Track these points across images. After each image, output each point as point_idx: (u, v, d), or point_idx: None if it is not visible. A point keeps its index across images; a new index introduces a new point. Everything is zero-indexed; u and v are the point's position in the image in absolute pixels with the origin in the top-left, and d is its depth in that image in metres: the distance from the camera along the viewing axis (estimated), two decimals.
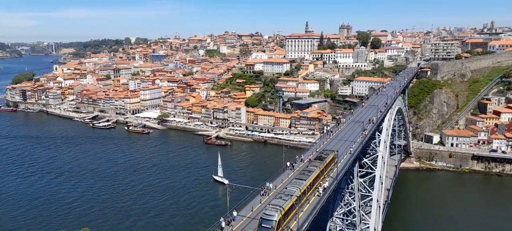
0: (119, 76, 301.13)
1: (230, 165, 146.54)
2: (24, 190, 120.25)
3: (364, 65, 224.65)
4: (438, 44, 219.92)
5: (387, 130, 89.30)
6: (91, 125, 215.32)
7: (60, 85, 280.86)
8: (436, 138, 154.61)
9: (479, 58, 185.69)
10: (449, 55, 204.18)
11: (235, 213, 39.55)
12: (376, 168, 76.37)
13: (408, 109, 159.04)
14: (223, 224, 37.86)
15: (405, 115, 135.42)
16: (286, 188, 41.30)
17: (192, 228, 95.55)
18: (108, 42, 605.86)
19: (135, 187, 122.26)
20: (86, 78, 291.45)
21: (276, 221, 33.23)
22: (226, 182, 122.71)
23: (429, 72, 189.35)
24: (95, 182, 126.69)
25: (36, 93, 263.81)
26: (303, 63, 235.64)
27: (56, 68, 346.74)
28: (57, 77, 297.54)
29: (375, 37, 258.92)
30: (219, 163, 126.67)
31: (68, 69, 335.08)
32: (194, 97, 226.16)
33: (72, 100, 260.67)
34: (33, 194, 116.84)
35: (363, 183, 75.27)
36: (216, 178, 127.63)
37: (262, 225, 33.63)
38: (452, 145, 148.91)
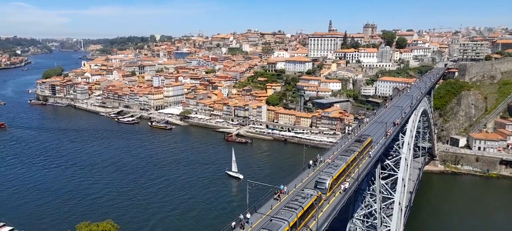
0: (143, 72, 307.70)
1: (250, 163, 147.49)
2: (50, 181, 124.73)
3: (389, 65, 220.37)
4: (467, 44, 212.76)
5: (411, 131, 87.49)
6: (116, 119, 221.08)
7: (87, 80, 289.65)
8: (462, 141, 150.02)
9: (510, 60, 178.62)
10: (478, 56, 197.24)
11: (248, 215, 38.03)
12: (398, 170, 75.02)
13: (434, 111, 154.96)
14: (242, 217, 37.37)
15: (430, 117, 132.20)
16: (334, 161, 51.51)
17: (208, 223, 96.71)
18: (134, 40, 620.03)
19: (155, 181, 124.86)
20: (112, 74, 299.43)
21: (329, 183, 43.82)
22: (241, 177, 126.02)
23: (456, 73, 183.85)
24: (117, 176, 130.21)
25: (64, 88, 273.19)
26: (326, 62, 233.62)
27: (84, 64, 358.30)
28: (85, 72, 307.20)
29: (400, 37, 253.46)
30: (233, 158, 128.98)
31: (95, 65, 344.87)
32: (216, 94, 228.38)
33: (99, 95, 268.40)
34: (58, 185, 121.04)
35: (385, 185, 74.08)
36: (230, 173, 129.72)
37: (318, 186, 43.67)
38: (479, 148, 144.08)
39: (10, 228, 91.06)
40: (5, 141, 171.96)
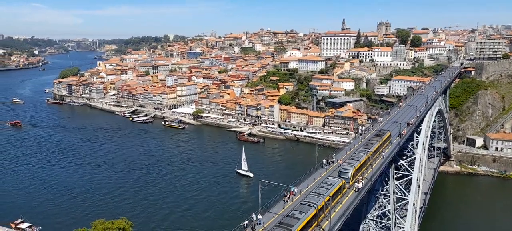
0: (157, 72, 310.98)
1: (262, 162, 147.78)
2: (66, 179, 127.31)
3: (403, 64, 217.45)
4: (484, 42, 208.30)
5: (426, 131, 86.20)
6: (131, 119, 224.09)
7: (102, 80, 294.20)
8: (479, 141, 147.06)
9: None
10: (496, 55, 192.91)
11: (260, 216, 37.32)
12: (413, 170, 74.03)
13: (449, 111, 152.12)
14: (254, 216, 36.92)
15: (446, 116, 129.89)
16: (355, 153, 54.29)
17: (220, 224, 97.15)
18: (148, 40, 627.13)
19: (168, 180, 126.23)
20: (126, 74, 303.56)
21: (351, 173, 46.59)
22: (251, 175, 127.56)
23: (473, 72, 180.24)
24: (131, 174, 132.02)
25: (80, 88, 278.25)
26: (339, 61, 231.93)
27: (99, 64, 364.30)
28: (100, 72, 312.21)
29: (415, 35, 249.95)
30: (243, 157, 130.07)
31: (110, 65, 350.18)
32: (228, 94, 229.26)
33: (114, 95, 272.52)
34: (74, 183, 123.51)
35: (399, 185, 73.17)
36: (240, 171, 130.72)
37: (341, 176, 46.20)
38: (496, 149, 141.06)
39: (28, 224, 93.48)
40: (21, 139, 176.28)
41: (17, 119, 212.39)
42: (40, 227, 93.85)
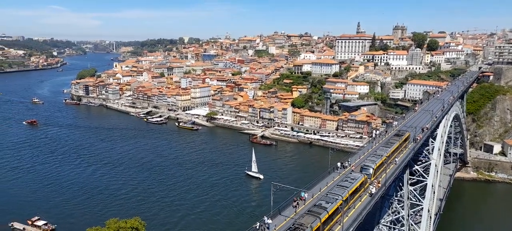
0: (172, 74, 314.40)
1: (274, 165, 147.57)
2: (81, 178, 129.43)
3: (419, 68, 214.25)
4: (503, 46, 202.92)
5: (442, 136, 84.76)
6: (145, 120, 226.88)
7: (118, 81, 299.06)
8: (497, 148, 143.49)
9: None
10: None
11: (269, 221, 37.02)
12: (428, 176, 72.82)
13: (467, 116, 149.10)
14: (266, 218, 36.82)
15: (462, 122, 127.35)
16: (376, 151, 56.49)
17: (234, 228, 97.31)
18: (163, 42, 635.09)
19: (181, 181, 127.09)
20: (142, 75, 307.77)
21: (373, 169, 49.08)
22: (261, 177, 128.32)
23: (491, 77, 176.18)
24: (144, 174, 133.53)
25: (97, 89, 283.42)
26: (353, 64, 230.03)
27: (115, 66, 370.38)
28: (116, 74, 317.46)
29: (432, 39, 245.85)
30: (254, 158, 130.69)
31: (126, 66, 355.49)
32: (241, 96, 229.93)
33: (129, 96, 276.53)
34: (89, 182, 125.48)
35: (413, 191, 72.05)
36: (250, 173, 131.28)
37: (363, 171, 48.46)
38: None
39: (44, 222, 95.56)
40: (38, 138, 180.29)
41: (36, 118, 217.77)
42: (56, 225, 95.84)
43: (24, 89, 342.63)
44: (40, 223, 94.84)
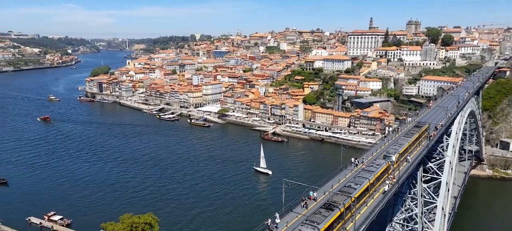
0: (184, 71, 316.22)
1: (285, 161, 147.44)
2: (95, 174, 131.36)
3: (433, 64, 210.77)
4: None
5: (456, 133, 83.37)
6: (158, 116, 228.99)
7: (131, 78, 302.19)
8: None
9: None
10: None
11: (278, 220, 36.81)
12: (442, 173, 71.78)
13: (482, 113, 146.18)
14: (277, 215, 36.80)
15: (478, 118, 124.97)
16: (397, 141, 60.16)
17: (241, 220, 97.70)
18: (175, 39, 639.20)
19: (192, 177, 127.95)
20: (154, 72, 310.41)
21: (396, 156, 51.85)
22: (269, 172, 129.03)
23: (508, 73, 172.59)
24: (157, 171, 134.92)
25: (110, 86, 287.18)
26: (366, 60, 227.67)
27: (128, 63, 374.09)
28: (129, 71, 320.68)
29: (446, 34, 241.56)
30: (262, 154, 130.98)
31: (139, 64, 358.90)
32: (253, 93, 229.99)
33: (142, 93, 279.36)
34: (102, 178, 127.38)
35: (427, 188, 71.17)
36: (258, 169, 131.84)
37: (386, 159, 50.91)
38: None
39: (60, 217, 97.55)
40: (51, 134, 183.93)
41: (51, 115, 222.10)
42: (71, 220, 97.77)
43: (40, 86, 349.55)
44: (56, 218, 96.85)
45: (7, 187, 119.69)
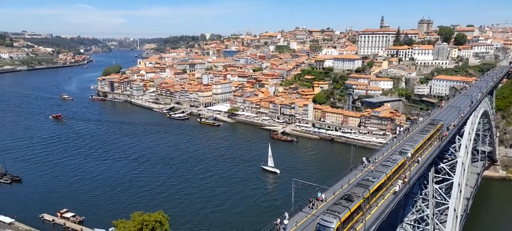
0: (194, 70, 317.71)
1: (294, 161, 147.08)
2: (107, 172, 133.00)
3: (445, 63, 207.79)
4: None
5: (469, 133, 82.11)
6: (168, 115, 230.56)
7: (142, 78, 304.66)
8: None
9: None
10: None
11: (286, 222, 36.82)
12: (454, 174, 70.82)
13: (496, 113, 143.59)
14: (286, 221, 36.96)
15: (491, 118, 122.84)
16: (412, 137, 62.04)
17: (251, 220, 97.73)
18: (186, 39, 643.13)
19: (202, 176, 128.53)
20: (165, 72, 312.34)
21: (411, 152, 53.50)
22: (277, 171, 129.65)
23: None
24: (167, 169, 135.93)
25: (122, 85, 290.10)
26: (376, 60, 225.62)
27: (139, 62, 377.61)
28: (140, 70, 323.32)
29: (459, 33, 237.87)
30: (270, 153, 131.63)
31: (150, 63, 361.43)
32: (262, 92, 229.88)
33: (152, 92, 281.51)
34: (114, 176, 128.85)
35: (438, 189, 70.33)
36: (266, 168, 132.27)
37: (402, 155, 52.26)
38: None
39: (72, 214, 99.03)
40: (64, 132, 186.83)
41: (64, 113, 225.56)
42: (84, 217, 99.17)
43: (53, 85, 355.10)
44: (69, 215, 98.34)
45: (21, 184, 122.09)
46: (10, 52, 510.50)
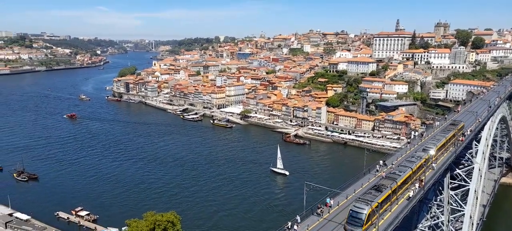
0: (208, 72, 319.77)
1: (307, 164, 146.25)
2: (120, 172, 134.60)
3: (462, 67, 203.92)
4: None
5: (486, 139, 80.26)
6: (182, 117, 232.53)
7: (157, 79, 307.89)
8: None
9: None
10: None
11: (296, 227, 36.81)
12: (471, 180, 69.28)
13: None
14: (298, 218, 37.10)
15: (510, 124, 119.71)
16: (435, 137, 65.06)
17: (265, 226, 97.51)
18: (200, 41, 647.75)
19: (214, 178, 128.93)
20: (179, 73, 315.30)
21: (434, 150, 56.08)
22: (287, 173, 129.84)
23: None
24: (180, 170, 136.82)
25: (137, 86, 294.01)
26: (391, 63, 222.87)
27: (154, 64, 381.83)
28: (155, 72, 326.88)
29: (477, 36, 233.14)
30: (279, 155, 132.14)
31: (164, 65, 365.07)
32: (275, 95, 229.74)
33: (167, 93, 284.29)
34: (127, 176, 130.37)
35: (454, 196, 68.84)
36: (275, 169, 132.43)
37: (425, 153, 54.54)
38: None
39: (87, 212, 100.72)
40: (78, 131, 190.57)
41: (81, 113, 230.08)
42: (98, 216, 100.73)
43: (70, 86, 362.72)
44: (83, 213, 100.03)
45: (37, 182, 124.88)
46: (29, 53, 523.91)
